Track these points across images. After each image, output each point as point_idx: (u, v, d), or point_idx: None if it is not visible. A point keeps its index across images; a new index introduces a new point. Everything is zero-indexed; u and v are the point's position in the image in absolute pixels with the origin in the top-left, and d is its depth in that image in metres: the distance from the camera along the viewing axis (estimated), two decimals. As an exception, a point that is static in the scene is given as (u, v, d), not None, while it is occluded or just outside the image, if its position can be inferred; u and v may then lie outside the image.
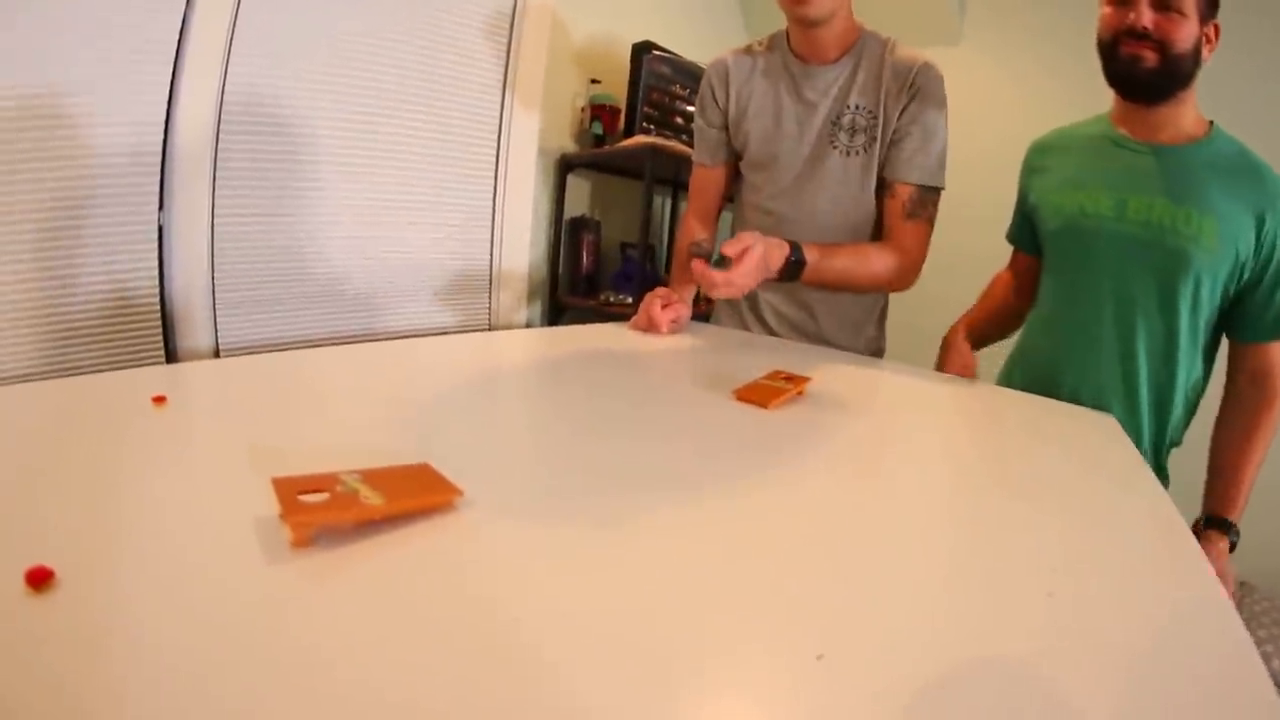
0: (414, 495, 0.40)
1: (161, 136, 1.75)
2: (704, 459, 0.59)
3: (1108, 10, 1.16)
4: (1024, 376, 1.31)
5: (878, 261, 1.35)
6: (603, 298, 2.53)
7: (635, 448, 0.60)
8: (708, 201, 1.60)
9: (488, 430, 0.65)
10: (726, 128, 1.52)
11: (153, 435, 0.53)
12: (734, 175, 1.59)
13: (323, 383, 0.79)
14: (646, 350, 1.17)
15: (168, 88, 1.74)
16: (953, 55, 3.11)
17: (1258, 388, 1.16)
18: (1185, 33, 1.08)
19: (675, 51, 2.73)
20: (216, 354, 1.89)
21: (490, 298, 2.56)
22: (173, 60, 1.74)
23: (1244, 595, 2.25)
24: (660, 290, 1.42)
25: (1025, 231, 1.41)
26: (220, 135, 1.84)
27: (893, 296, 1.53)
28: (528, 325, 2.65)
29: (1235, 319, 1.16)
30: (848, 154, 1.39)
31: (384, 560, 0.35)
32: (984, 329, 1.47)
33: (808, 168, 1.43)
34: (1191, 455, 1.27)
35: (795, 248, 1.23)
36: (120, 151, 1.68)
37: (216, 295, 1.88)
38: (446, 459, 0.46)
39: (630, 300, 2.44)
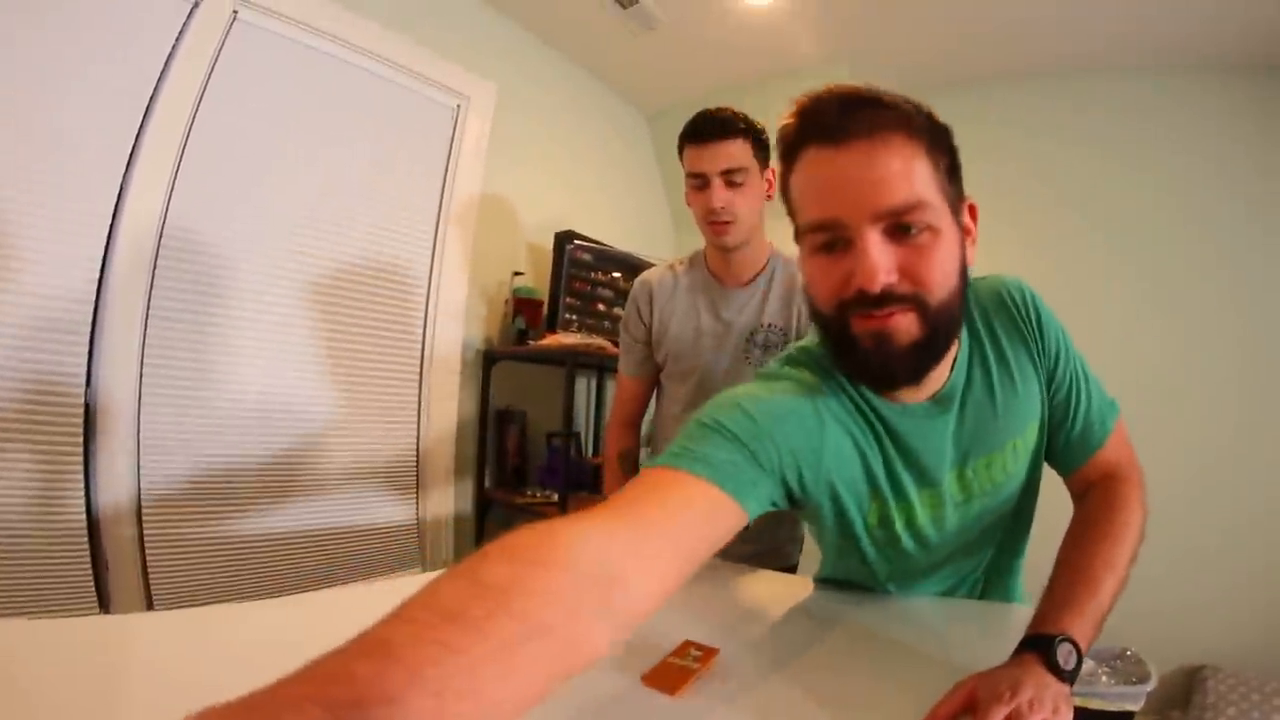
0: None
1: (95, 290, 1.73)
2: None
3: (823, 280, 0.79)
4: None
5: None
6: (530, 494, 2.47)
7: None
8: (631, 410, 1.68)
9: None
10: (649, 343, 1.59)
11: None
12: (654, 385, 1.65)
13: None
14: None
15: (102, 252, 1.74)
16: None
17: (1104, 488, 0.90)
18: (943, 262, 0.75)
19: (600, 235, 2.80)
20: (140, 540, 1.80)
21: (417, 492, 2.47)
22: (109, 224, 1.74)
23: (1209, 676, 2.39)
24: None
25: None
26: (153, 296, 1.83)
27: None
28: (456, 522, 2.55)
29: (1053, 459, 0.96)
30: (761, 369, 1.42)
31: None
32: None
33: (725, 382, 1.48)
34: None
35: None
36: (48, 294, 1.66)
37: (142, 480, 1.82)
38: None
39: (555, 497, 2.37)
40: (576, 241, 2.70)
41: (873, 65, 2.99)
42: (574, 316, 2.61)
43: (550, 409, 2.93)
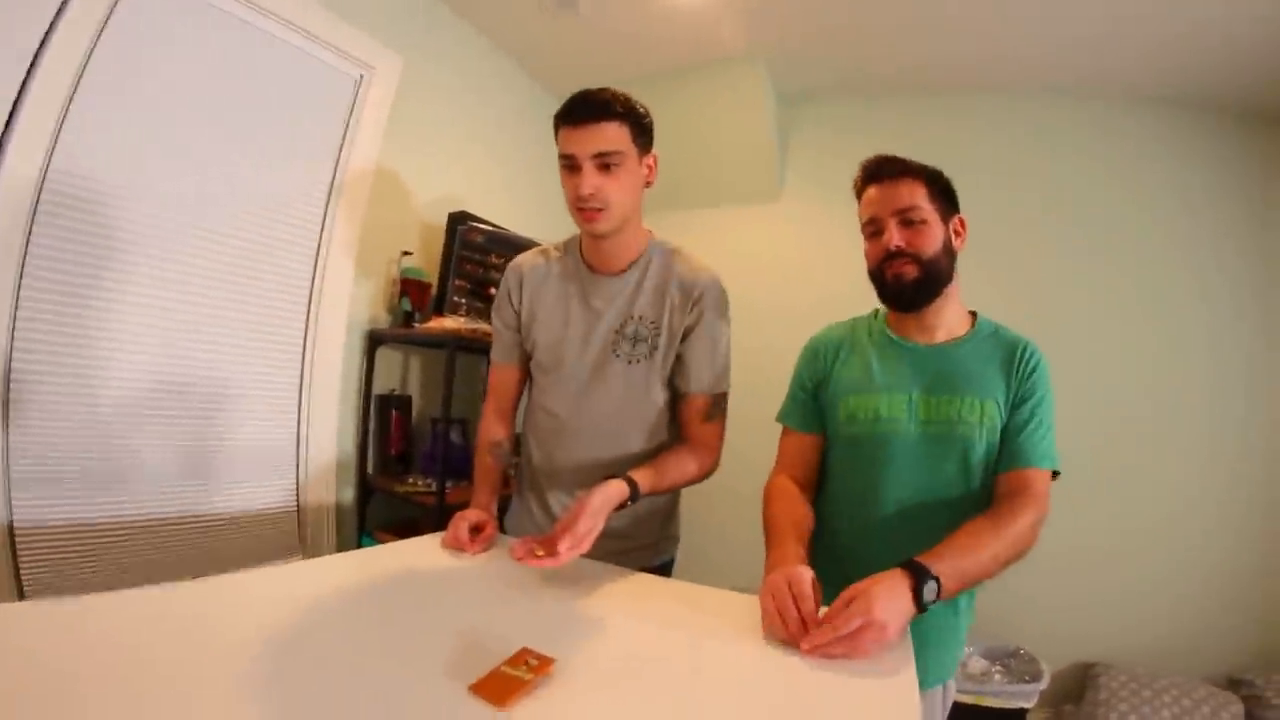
0: None
1: None
2: None
3: (868, 246, 1.34)
4: (824, 571, 1.11)
5: (691, 464, 1.42)
6: (412, 482, 2.39)
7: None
8: (504, 399, 1.60)
9: None
10: (519, 329, 1.54)
11: None
12: (527, 373, 1.60)
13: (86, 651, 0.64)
14: (431, 583, 1.13)
15: None
16: (772, 209, 3.34)
17: (1010, 501, 1.18)
18: (931, 238, 1.26)
19: (497, 218, 2.73)
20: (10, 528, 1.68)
21: (297, 476, 2.36)
22: None
23: (1101, 674, 2.54)
24: (470, 512, 1.37)
25: (810, 414, 1.43)
26: (22, 280, 1.70)
27: None
28: (337, 509, 2.45)
29: (998, 457, 1.26)
30: (630, 362, 1.43)
31: None
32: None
33: (592, 375, 1.46)
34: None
35: (631, 487, 1.25)
36: None
37: (10, 452, 1.69)
38: None
39: (435, 487, 2.30)
40: (470, 223, 2.62)
41: (791, 64, 3.04)
42: (463, 300, 2.54)
43: (436, 395, 2.85)
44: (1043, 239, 2.96)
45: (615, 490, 1.22)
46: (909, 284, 1.27)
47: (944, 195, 1.30)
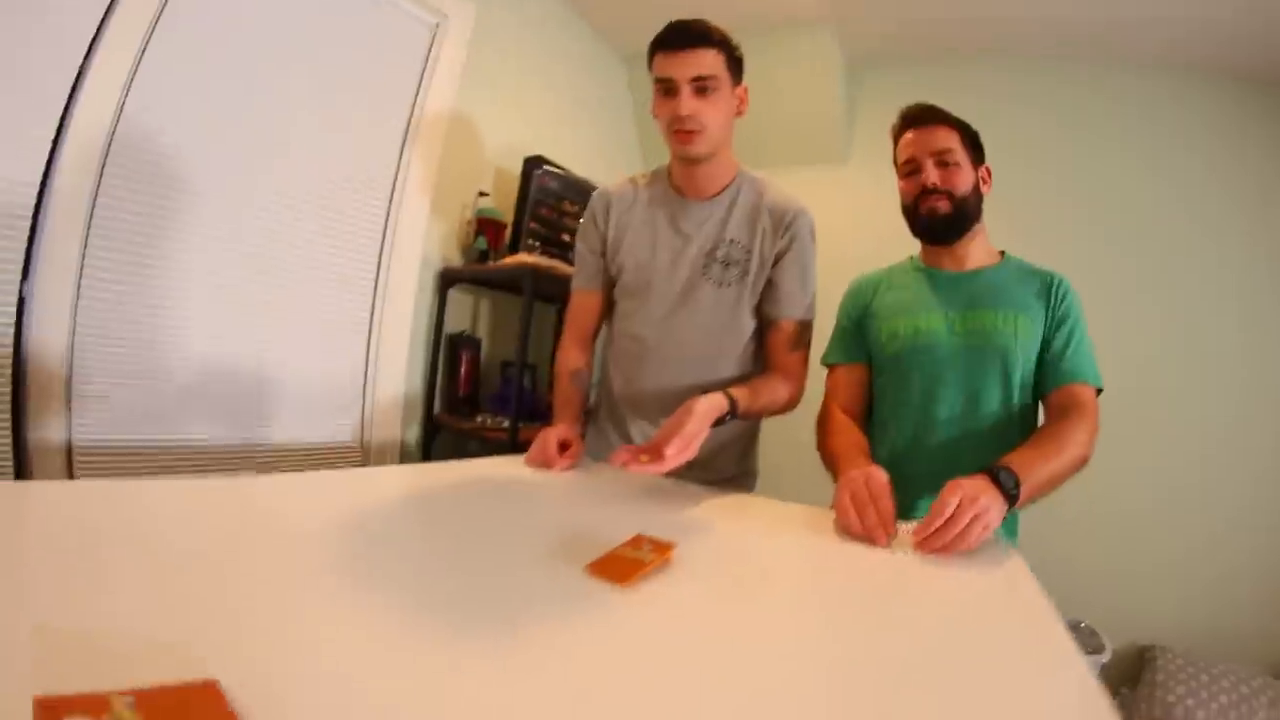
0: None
1: (35, 198, 1.60)
2: (534, 662, 0.47)
3: (903, 183, 1.46)
4: None
5: (782, 390, 1.42)
6: (480, 420, 2.39)
7: (463, 648, 0.48)
8: (584, 326, 1.59)
9: (295, 628, 0.49)
10: (604, 254, 1.53)
11: None
12: (610, 301, 1.58)
13: (142, 528, 0.65)
14: (521, 494, 1.10)
15: (49, 149, 1.61)
16: (840, 173, 3.28)
17: (1063, 417, 1.26)
18: (964, 178, 1.38)
19: (568, 168, 2.70)
20: (69, 451, 1.71)
21: (362, 413, 2.38)
22: (57, 125, 1.62)
23: (1158, 656, 2.49)
24: (557, 428, 1.37)
25: (856, 348, 1.52)
26: (96, 208, 1.71)
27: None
28: (402, 445, 2.47)
29: (1041, 380, 1.36)
30: (721, 285, 1.43)
31: None
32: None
33: (680, 298, 1.45)
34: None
35: (730, 402, 1.24)
36: None
37: (74, 381, 1.71)
38: (240, 669, 0.39)
39: (506, 424, 2.29)
40: (545, 167, 2.60)
41: (860, 29, 3.01)
42: (536, 242, 2.51)
43: (506, 339, 2.86)
44: (1102, 205, 2.89)
45: (717, 400, 1.21)
46: (941, 218, 1.39)
47: (974, 145, 1.42)
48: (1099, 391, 1.32)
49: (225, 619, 0.48)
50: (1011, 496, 1.01)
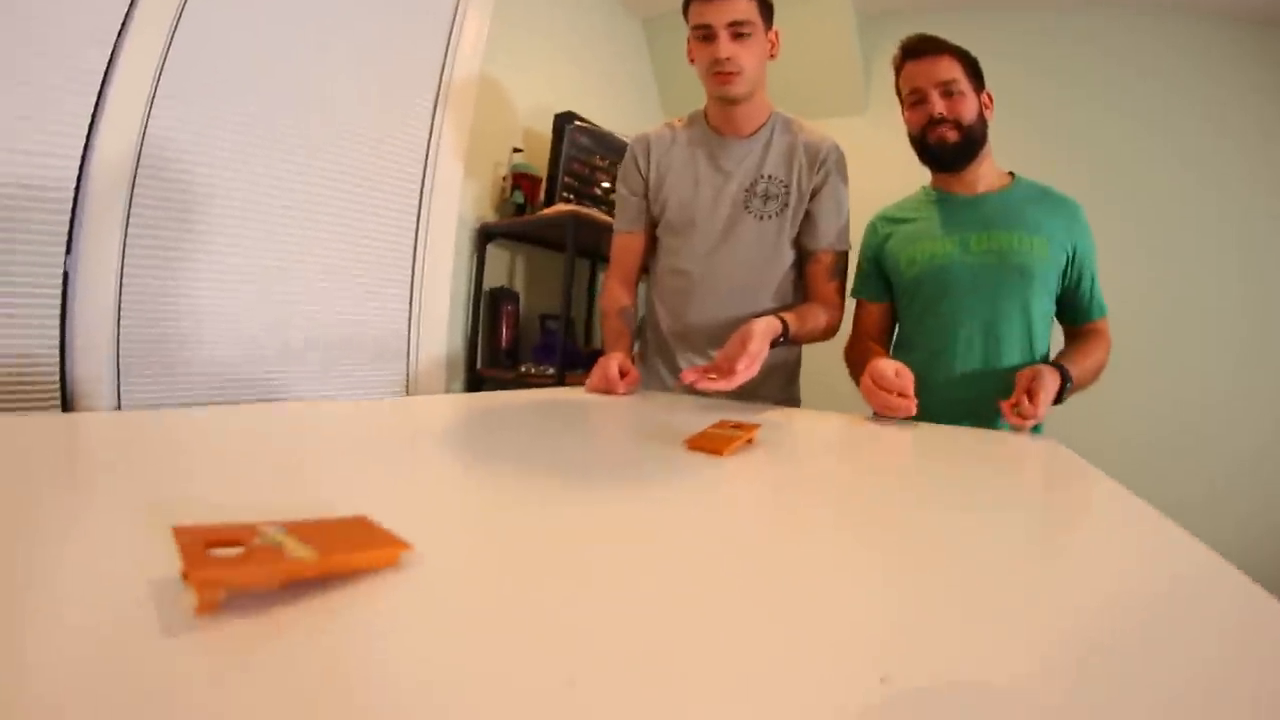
0: (352, 549, 0.32)
1: (76, 174, 1.65)
2: (670, 507, 0.53)
3: (909, 113, 1.50)
4: None
5: (823, 317, 1.49)
6: (523, 369, 2.46)
7: (596, 498, 0.54)
8: (628, 266, 1.65)
9: (431, 484, 0.57)
10: (646, 196, 1.59)
11: (18, 488, 0.44)
12: (652, 242, 1.64)
13: (235, 439, 0.70)
14: (595, 407, 1.15)
15: (88, 123, 1.66)
16: (858, 123, 3.32)
17: (1090, 338, 1.46)
18: (969, 106, 1.42)
19: (596, 123, 2.75)
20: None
21: (408, 366, 2.46)
22: (96, 95, 1.67)
23: None
24: (616, 355, 1.43)
25: (876, 283, 1.60)
26: (137, 179, 1.75)
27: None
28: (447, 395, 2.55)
29: (1063, 312, 1.50)
30: (761, 219, 1.51)
31: (317, 630, 0.27)
32: None
33: (724, 231, 1.52)
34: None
35: (784, 325, 1.32)
36: (31, 183, 1.58)
37: (121, 349, 1.75)
38: (385, 514, 0.38)
39: (551, 371, 2.38)
40: (577, 123, 2.65)
41: None
42: (571, 196, 2.57)
43: (543, 293, 2.92)
44: (1117, 151, 2.92)
45: (772, 322, 1.28)
46: (950, 146, 1.44)
47: (975, 72, 1.45)
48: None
49: (366, 490, 0.55)
50: (1065, 392, 1.28)
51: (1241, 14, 2.70)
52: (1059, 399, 1.28)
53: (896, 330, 1.61)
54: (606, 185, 2.71)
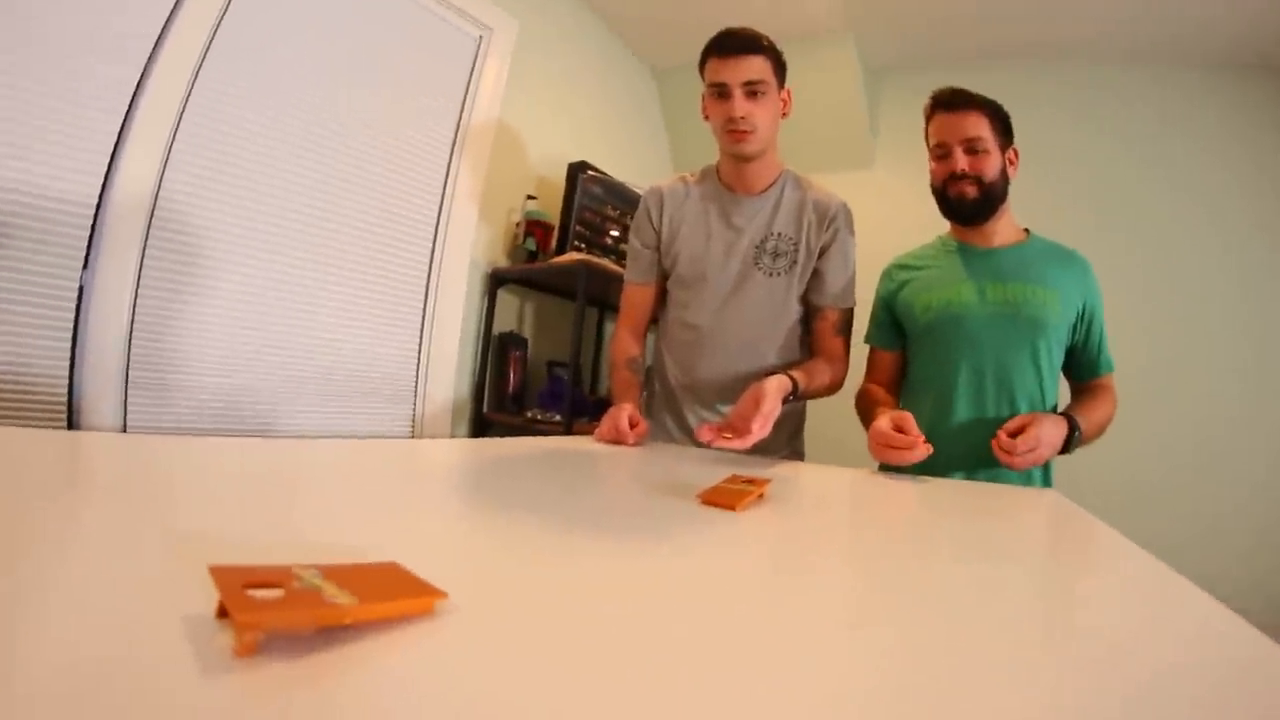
0: (389, 596, 0.32)
1: (99, 191, 1.68)
2: (690, 560, 0.53)
3: (934, 164, 1.51)
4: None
5: (828, 374, 1.50)
6: (530, 414, 2.46)
7: (620, 550, 0.54)
8: (638, 318, 1.67)
9: (454, 531, 0.57)
10: (659, 249, 1.61)
11: (46, 511, 0.44)
12: (662, 294, 1.67)
13: (257, 472, 0.71)
14: (605, 457, 1.16)
15: (113, 142, 1.70)
16: (866, 177, 3.37)
17: (1098, 393, 1.50)
18: (992, 164, 1.44)
19: (608, 173, 2.79)
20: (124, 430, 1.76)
21: (415, 408, 2.47)
22: (124, 113, 1.71)
23: None
24: (626, 406, 1.44)
25: (889, 331, 1.63)
26: (158, 203, 1.78)
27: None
28: (453, 439, 2.55)
29: (1071, 368, 1.54)
30: (771, 275, 1.53)
31: (354, 676, 0.27)
32: None
33: (734, 287, 1.55)
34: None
35: (793, 383, 1.34)
36: (55, 196, 1.61)
37: (130, 369, 1.76)
38: (412, 560, 0.38)
39: (558, 418, 2.38)
40: (590, 172, 2.69)
41: (878, 38, 3.13)
42: (582, 244, 2.61)
43: (551, 340, 2.94)
44: (1113, 199, 2.97)
45: (783, 381, 1.30)
46: (969, 202, 1.46)
47: (1003, 128, 1.47)
48: None
49: (391, 534, 0.56)
50: (1073, 443, 1.34)
51: (1240, 60, 2.77)
52: (1067, 449, 1.32)
53: (908, 374, 1.63)
54: (616, 234, 2.75)
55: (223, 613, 0.29)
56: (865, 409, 1.55)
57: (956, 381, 1.47)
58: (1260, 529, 2.60)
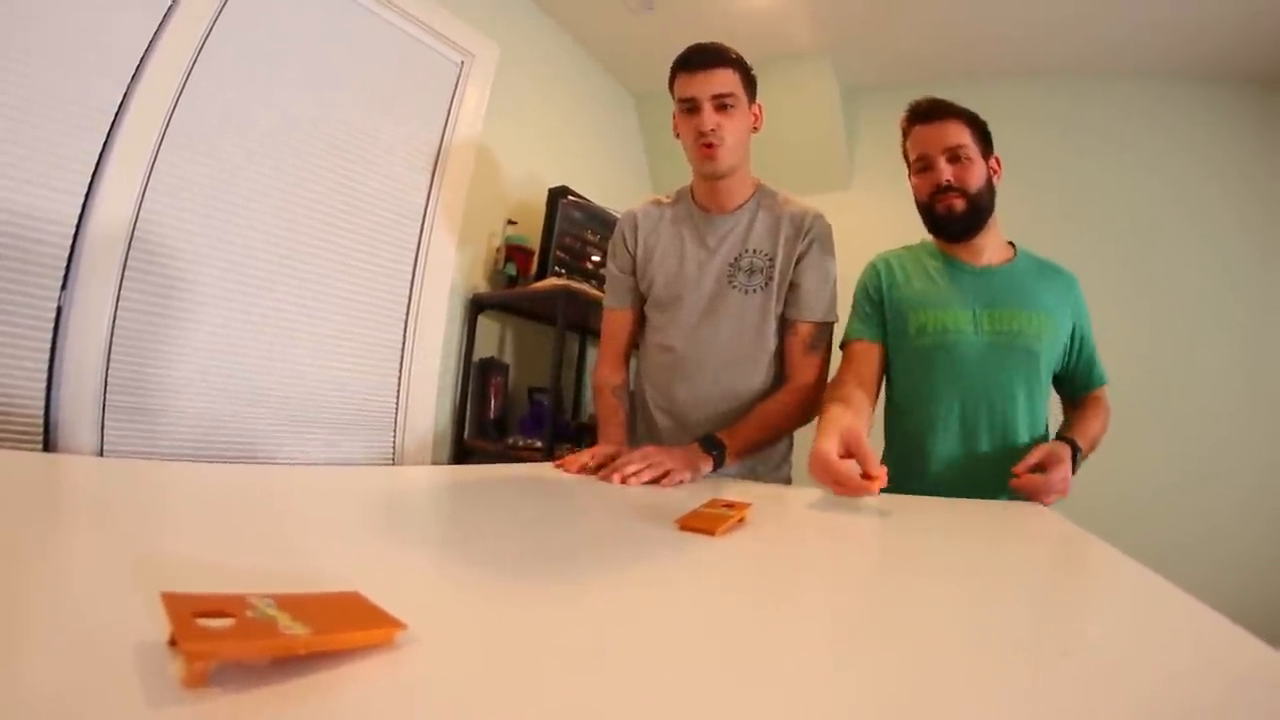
0: (345, 627, 0.31)
1: (79, 211, 1.67)
2: (664, 588, 0.52)
3: (916, 179, 1.48)
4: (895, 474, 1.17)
5: (778, 415, 1.48)
6: (511, 441, 2.45)
7: (591, 579, 0.53)
8: (620, 343, 1.66)
9: (422, 560, 0.56)
10: (635, 273, 1.61)
11: (11, 534, 0.43)
12: (642, 319, 1.65)
13: (224, 499, 0.70)
14: (580, 485, 1.14)
15: (94, 162, 1.69)
16: (844, 198, 3.41)
17: (1092, 406, 1.51)
18: (976, 173, 1.41)
19: (588, 198, 2.80)
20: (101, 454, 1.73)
21: (395, 435, 2.44)
22: (105, 135, 1.70)
23: None
24: (603, 446, 1.41)
25: (872, 323, 1.54)
26: (138, 224, 1.77)
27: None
28: (433, 465, 2.53)
29: (1063, 387, 1.55)
30: (746, 293, 1.51)
31: (305, 708, 0.26)
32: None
33: (709, 306, 1.53)
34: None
35: (718, 454, 1.34)
36: (34, 215, 1.59)
37: (108, 392, 1.74)
38: (375, 589, 0.37)
39: (539, 444, 2.36)
40: (570, 197, 2.70)
41: (855, 59, 3.18)
42: (563, 270, 2.61)
43: (532, 366, 2.93)
44: (1089, 222, 3.01)
45: (691, 461, 1.28)
46: (958, 215, 1.42)
47: (983, 136, 1.44)
48: None
49: (356, 563, 0.54)
50: (1074, 454, 1.33)
51: (1239, 75, 2.83)
52: (1072, 469, 1.31)
53: (892, 390, 1.56)
54: (597, 259, 2.75)
55: (174, 641, 0.28)
56: (825, 407, 1.34)
57: (949, 406, 1.44)
58: (1254, 539, 2.62)
